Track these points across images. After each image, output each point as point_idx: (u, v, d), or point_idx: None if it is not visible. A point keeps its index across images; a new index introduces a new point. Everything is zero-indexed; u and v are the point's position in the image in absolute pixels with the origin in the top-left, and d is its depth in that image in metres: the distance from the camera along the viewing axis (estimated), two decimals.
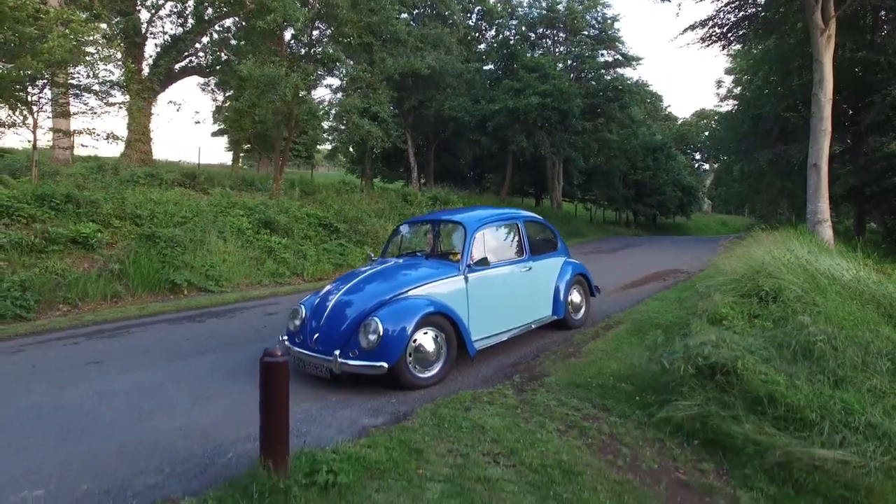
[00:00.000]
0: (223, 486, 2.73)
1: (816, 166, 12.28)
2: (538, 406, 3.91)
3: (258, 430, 2.72)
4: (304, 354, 4.21)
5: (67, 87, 10.27)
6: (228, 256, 10.59)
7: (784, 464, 3.23)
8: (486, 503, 2.72)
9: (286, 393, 2.69)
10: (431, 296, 4.35)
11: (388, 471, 2.96)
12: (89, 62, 10.63)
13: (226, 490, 2.67)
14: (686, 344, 4.07)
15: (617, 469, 3.21)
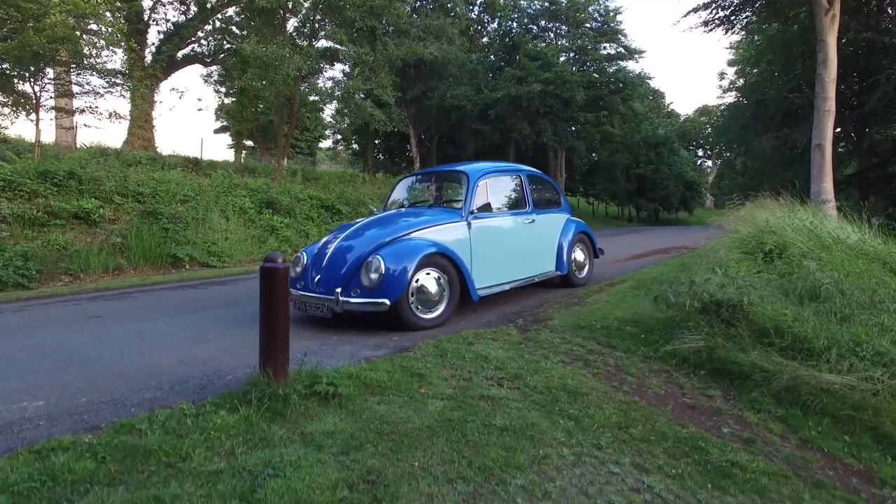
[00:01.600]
0: (222, 395, 2.70)
1: (820, 146, 12.19)
2: (542, 342, 3.87)
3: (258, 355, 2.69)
4: (306, 296, 4.18)
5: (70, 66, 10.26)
6: (230, 234, 10.57)
7: (791, 388, 3.18)
8: (489, 416, 2.67)
9: (286, 300, 2.65)
10: (433, 239, 4.31)
11: (389, 388, 2.92)
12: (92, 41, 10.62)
13: (224, 398, 2.64)
14: (692, 281, 4.02)
15: (623, 393, 3.16)
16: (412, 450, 2.28)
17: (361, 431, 2.40)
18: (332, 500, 1.87)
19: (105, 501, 1.81)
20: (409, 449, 2.28)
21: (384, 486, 1.99)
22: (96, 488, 1.89)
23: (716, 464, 2.45)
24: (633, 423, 2.75)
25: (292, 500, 1.85)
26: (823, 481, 2.45)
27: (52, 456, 2.05)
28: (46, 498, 1.81)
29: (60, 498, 1.82)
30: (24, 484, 1.86)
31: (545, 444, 2.44)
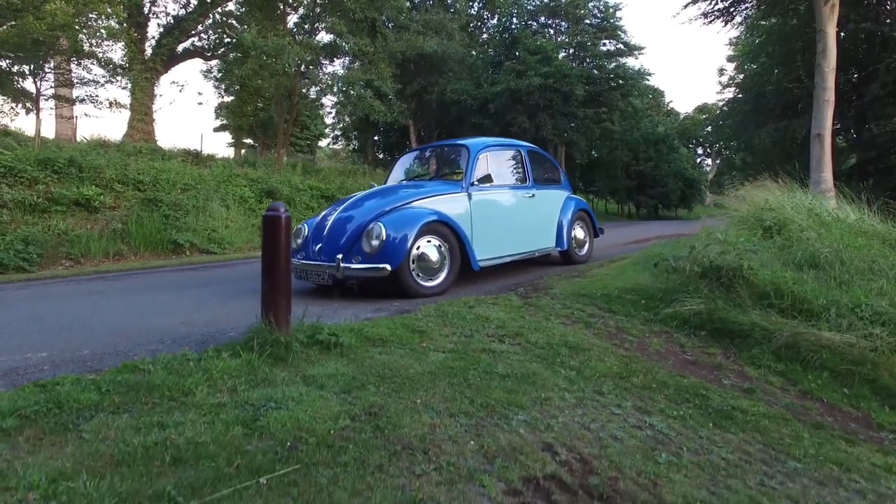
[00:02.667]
0: (224, 344, 2.70)
1: (820, 136, 12.21)
2: (543, 307, 3.88)
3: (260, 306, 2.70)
4: (307, 264, 4.19)
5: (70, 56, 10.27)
6: (231, 223, 10.58)
7: (791, 344, 3.20)
8: (491, 365, 2.68)
9: (288, 249, 2.66)
10: (434, 208, 4.32)
11: (390, 342, 2.93)
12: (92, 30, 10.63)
13: (226, 346, 2.65)
14: (692, 246, 4.04)
15: (624, 349, 3.17)
16: (414, 390, 2.29)
17: (363, 375, 2.41)
18: (335, 429, 1.88)
19: (110, 426, 1.82)
20: (411, 389, 2.29)
21: (386, 417, 2.00)
22: (101, 415, 1.90)
23: (717, 408, 2.46)
24: (634, 373, 2.76)
25: (294, 427, 1.86)
26: (822, 423, 2.46)
27: (58, 388, 2.06)
28: (53, 421, 1.82)
29: (67, 421, 1.83)
30: (32, 408, 1.87)
31: (547, 388, 2.45)
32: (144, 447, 1.67)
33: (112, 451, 1.65)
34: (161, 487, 1.47)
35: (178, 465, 1.59)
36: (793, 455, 2.08)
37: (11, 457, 1.61)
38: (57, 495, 1.41)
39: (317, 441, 1.77)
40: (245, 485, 1.50)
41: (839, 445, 2.23)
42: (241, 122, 21.57)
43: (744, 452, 2.06)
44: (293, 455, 1.68)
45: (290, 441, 1.76)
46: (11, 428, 1.77)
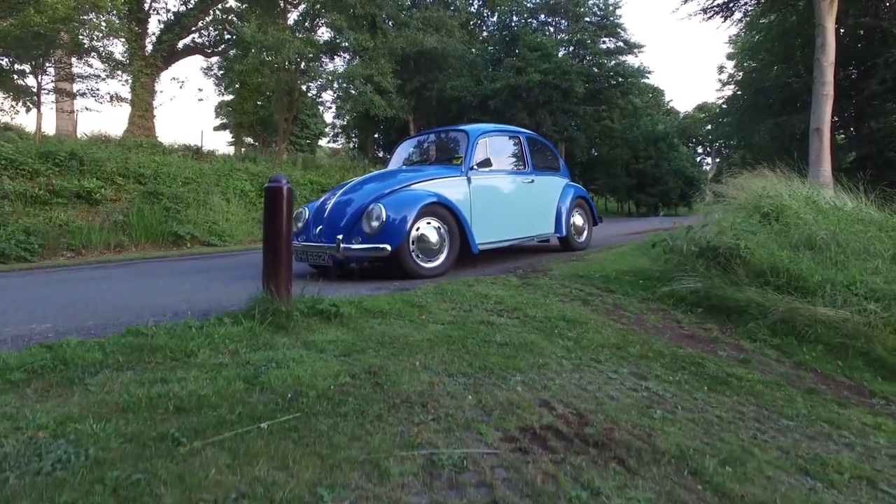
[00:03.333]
0: (226, 313, 2.74)
1: (819, 130, 12.24)
2: (541, 286, 3.91)
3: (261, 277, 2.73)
4: (308, 246, 4.22)
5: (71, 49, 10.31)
6: (231, 216, 10.61)
7: (787, 319, 3.23)
8: (489, 335, 2.71)
9: (289, 220, 2.70)
10: (433, 190, 4.36)
11: (390, 314, 2.96)
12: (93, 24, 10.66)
13: (228, 315, 2.68)
14: (689, 227, 4.07)
15: (621, 324, 3.20)
16: (413, 354, 2.32)
17: (363, 341, 2.44)
18: (335, 384, 1.91)
19: (114, 380, 1.85)
20: (410, 353, 2.33)
21: (385, 375, 2.03)
22: (105, 371, 1.93)
23: (712, 374, 2.49)
24: (630, 344, 2.79)
25: (295, 383, 1.90)
26: (816, 389, 2.50)
27: (63, 348, 2.09)
28: (59, 376, 1.86)
29: (72, 376, 1.87)
30: (38, 364, 1.90)
31: (545, 355, 2.48)
32: (148, 398, 1.71)
33: (117, 400, 1.68)
34: (165, 430, 1.50)
35: (180, 413, 1.63)
36: (785, 415, 2.12)
37: (20, 404, 1.64)
38: (65, 434, 1.44)
39: (317, 394, 1.80)
40: (246, 429, 1.54)
41: (831, 408, 2.27)
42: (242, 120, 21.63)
43: (737, 412, 2.09)
44: (294, 405, 1.71)
45: (290, 394, 1.79)
46: (19, 381, 1.81)
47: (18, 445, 1.38)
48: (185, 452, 1.39)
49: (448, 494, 1.30)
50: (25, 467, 1.29)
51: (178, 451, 1.40)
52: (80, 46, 10.16)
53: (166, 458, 1.36)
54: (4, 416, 1.56)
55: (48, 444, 1.39)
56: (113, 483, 1.23)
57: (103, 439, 1.43)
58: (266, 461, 1.37)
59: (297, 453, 1.42)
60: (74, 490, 1.20)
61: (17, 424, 1.49)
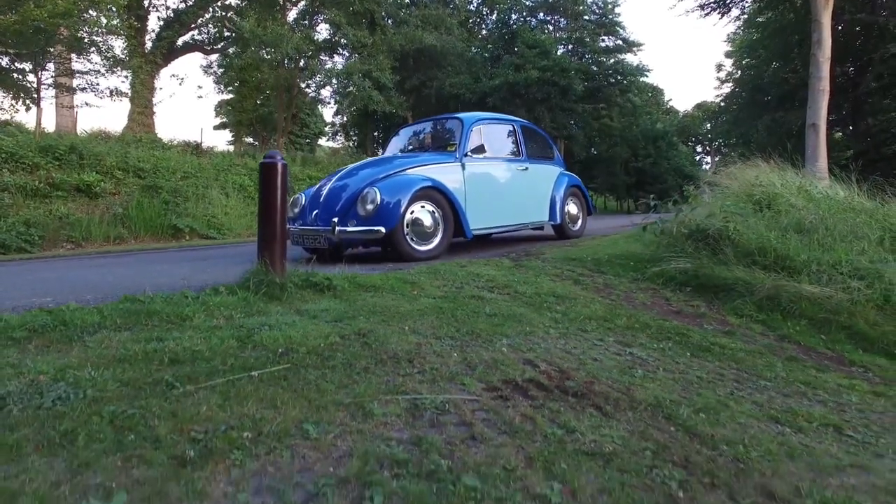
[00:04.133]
0: (221, 285, 2.80)
1: (815, 126, 12.30)
2: (533, 268, 3.97)
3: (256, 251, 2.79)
4: (303, 230, 4.28)
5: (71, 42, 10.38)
6: (230, 210, 10.67)
7: (773, 296, 3.29)
8: (479, 308, 2.77)
9: (284, 194, 2.76)
10: (428, 175, 4.42)
11: (382, 289, 3.02)
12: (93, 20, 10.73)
13: (223, 286, 2.74)
14: (679, 209, 4.13)
15: (610, 300, 3.27)
16: (403, 320, 2.39)
17: (354, 310, 2.51)
18: (325, 343, 1.98)
19: (112, 339, 1.92)
20: (400, 320, 2.39)
21: (374, 337, 2.10)
22: (103, 331, 2.00)
23: (696, 343, 2.56)
24: (618, 317, 2.85)
25: (286, 341, 1.96)
26: (797, 357, 2.56)
27: (63, 311, 2.16)
28: (59, 334, 1.92)
29: (72, 335, 1.93)
30: (39, 323, 1.97)
31: (532, 325, 2.55)
32: (144, 352, 1.77)
33: (114, 353, 1.75)
34: (159, 376, 1.57)
35: (175, 364, 1.69)
36: (764, 377, 2.18)
37: (22, 357, 1.71)
38: (64, 378, 1.51)
39: (307, 350, 1.87)
40: (238, 377, 1.60)
41: (809, 372, 2.33)
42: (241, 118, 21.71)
43: (718, 374, 2.16)
44: (284, 359, 1.78)
45: (281, 349, 1.86)
46: (21, 338, 1.87)
47: (21, 386, 1.44)
48: (178, 394, 1.46)
49: (429, 431, 1.37)
50: (27, 402, 1.35)
51: (171, 393, 1.46)
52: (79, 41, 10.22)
53: (160, 398, 1.42)
54: (7, 364, 1.62)
55: (48, 385, 1.45)
56: (109, 416, 1.30)
57: (101, 383, 1.49)
58: (255, 402, 1.44)
59: (286, 396, 1.49)
60: (74, 420, 1.27)
61: (20, 371, 1.56)
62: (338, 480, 1.10)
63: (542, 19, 27.58)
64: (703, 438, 1.44)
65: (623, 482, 1.16)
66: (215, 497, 1.03)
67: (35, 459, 1.11)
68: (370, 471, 1.14)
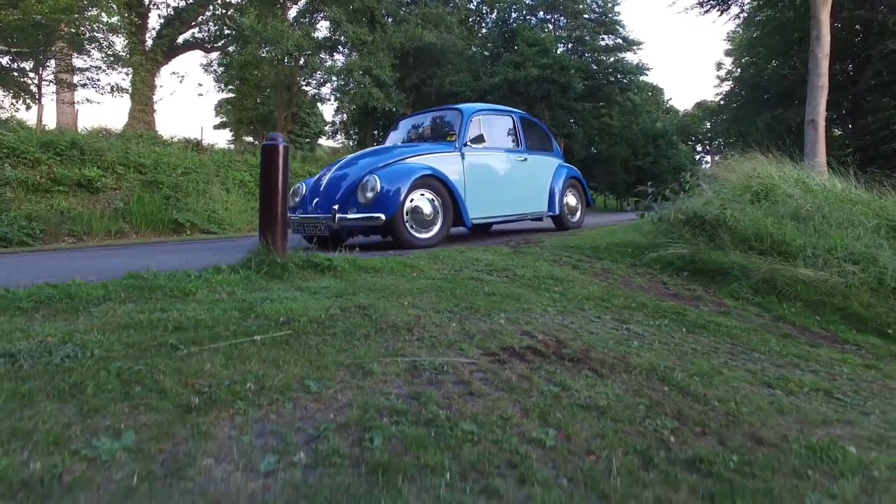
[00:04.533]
0: (223, 265, 2.84)
1: (814, 122, 12.32)
2: (532, 254, 4.01)
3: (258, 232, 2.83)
4: (304, 217, 4.32)
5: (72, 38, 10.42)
6: (231, 205, 10.71)
7: (768, 279, 3.33)
8: (478, 288, 2.80)
9: (285, 176, 2.79)
10: (427, 164, 4.46)
11: (382, 270, 3.06)
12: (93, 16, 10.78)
13: (226, 266, 2.78)
14: (677, 196, 4.17)
15: (608, 283, 3.30)
16: (402, 296, 2.42)
17: (355, 289, 2.54)
18: (325, 314, 2.01)
19: (116, 310, 1.95)
20: (399, 296, 2.43)
21: (374, 309, 2.13)
22: (108, 303, 2.04)
23: (692, 321, 2.59)
24: (615, 297, 2.89)
25: (287, 312, 1.99)
26: (791, 335, 2.59)
27: (68, 286, 2.19)
28: (65, 305, 1.96)
29: (77, 306, 1.97)
30: (45, 295, 2.00)
31: (530, 303, 2.58)
32: (149, 320, 1.81)
33: (119, 321, 1.78)
34: (164, 340, 1.60)
35: (179, 330, 1.72)
36: (758, 350, 2.22)
37: (29, 324, 1.75)
38: (72, 339, 1.54)
39: (308, 320, 1.90)
40: (240, 341, 1.64)
41: (803, 347, 2.37)
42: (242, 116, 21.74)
43: (713, 347, 2.19)
44: (285, 327, 1.81)
45: (283, 318, 1.89)
46: (28, 308, 1.91)
47: (30, 346, 1.48)
48: (182, 355, 1.49)
49: (428, 388, 1.40)
50: (37, 359, 1.39)
51: (175, 353, 1.50)
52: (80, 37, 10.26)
53: (165, 357, 1.46)
54: (16, 329, 1.66)
55: (56, 346, 1.49)
56: (116, 370, 1.33)
57: (107, 345, 1.53)
58: (258, 362, 1.47)
59: (287, 357, 1.52)
60: (82, 374, 1.30)
61: (28, 334, 1.59)
62: (338, 426, 1.14)
63: (541, 18, 27.62)
64: (695, 396, 1.47)
65: (616, 430, 1.19)
66: (220, 438, 1.06)
67: (47, 405, 1.14)
68: (370, 418, 1.18)
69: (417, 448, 1.04)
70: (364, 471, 0.96)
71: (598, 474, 0.97)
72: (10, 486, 0.85)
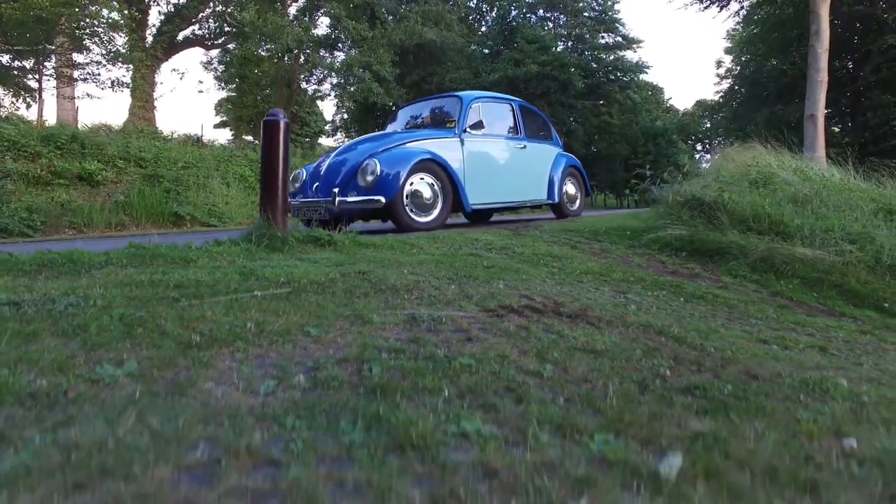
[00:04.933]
0: (224, 239, 2.85)
1: (813, 117, 12.34)
2: (531, 236, 4.02)
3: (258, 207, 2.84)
4: (305, 202, 4.33)
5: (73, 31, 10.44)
6: (231, 199, 10.72)
7: (766, 258, 3.35)
8: (477, 262, 2.82)
9: (286, 151, 2.81)
10: (427, 148, 4.48)
11: (382, 247, 3.08)
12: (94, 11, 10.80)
13: (227, 240, 2.80)
14: (676, 180, 4.18)
15: (606, 261, 3.32)
16: (402, 266, 2.44)
17: (354, 260, 2.56)
18: (325, 278, 2.03)
19: (119, 273, 1.97)
20: (399, 266, 2.44)
21: (374, 274, 2.14)
22: (110, 267, 2.05)
23: (690, 293, 2.61)
24: (613, 272, 2.91)
25: (287, 276, 2.01)
26: (788, 306, 2.61)
27: (71, 252, 2.21)
28: (68, 268, 1.98)
29: (80, 269, 1.99)
30: (48, 258, 2.02)
31: (529, 275, 2.60)
32: (150, 280, 1.82)
33: (121, 280, 1.80)
34: (165, 294, 1.62)
35: (180, 288, 1.74)
36: (755, 317, 2.23)
37: (33, 282, 1.76)
38: (74, 292, 1.56)
39: (308, 281, 1.92)
40: (241, 295, 1.65)
41: (800, 316, 2.38)
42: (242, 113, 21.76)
43: (710, 314, 2.21)
44: (286, 286, 1.83)
45: (283, 279, 1.91)
46: (31, 270, 1.93)
47: (34, 297, 1.50)
48: (183, 305, 1.51)
49: (426, 334, 1.42)
50: (41, 307, 1.40)
51: (177, 304, 1.51)
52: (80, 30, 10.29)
53: (166, 307, 1.47)
54: (20, 285, 1.67)
55: (60, 297, 1.50)
56: (119, 316, 1.35)
57: (109, 297, 1.55)
58: (258, 311, 1.49)
59: (288, 308, 1.54)
60: (85, 318, 1.32)
61: (31, 288, 1.61)
62: (337, 360, 1.16)
63: (541, 16, 27.65)
64: (691, 345, 1.49)
65: (613, 366, 1.21)
66: (220, 368, 1.08)
67: (51, 341, 1.16)
68: (369, 354, 1.19)
69: (416, 376, 1.06)
70: (362, 392, 0.97)
71: (595, 397, 0.99)
72: (19, 397, 0.87)
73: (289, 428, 0.80)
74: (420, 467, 0.69)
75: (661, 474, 0.69)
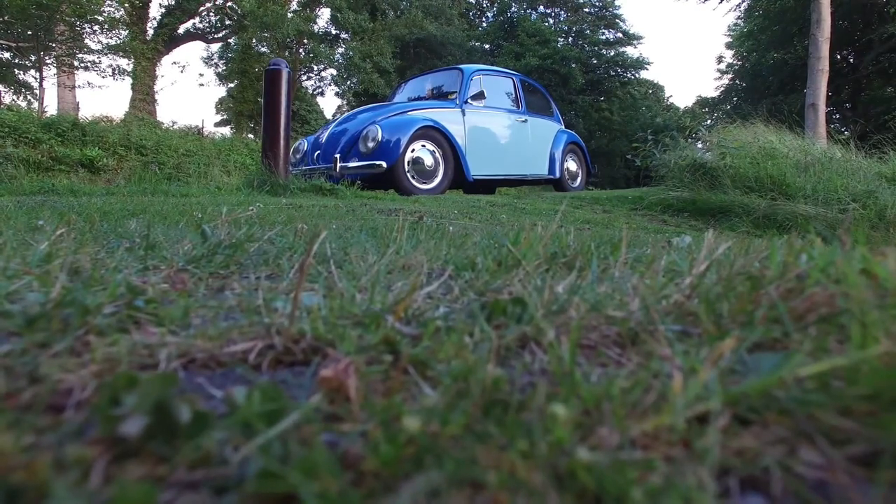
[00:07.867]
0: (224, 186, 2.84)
1: (814, 106, 12.33)
2: (533, 199, 4.01)
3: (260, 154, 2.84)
4: (306, 169, 4.33)
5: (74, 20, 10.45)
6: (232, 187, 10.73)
7: (769, 215, 3.33)
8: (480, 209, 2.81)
9: (288, 100, 2.80)
10: (428, 116, 4.47)
11: (383, 199, 3.07)
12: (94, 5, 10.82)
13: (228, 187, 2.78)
14: (677, 142, 4.17)
15: (609, 215, 3.30)
16: (404, 203, 2.43)
17: (355, 205, 2.55)
18: (325, 207, 2.02)
19: (120, 198, 1.96)
20: (401, 203, 2.43)
21: (374, 204, 2.14)
22: (111, 196, 2.04)
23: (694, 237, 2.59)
24: (616, 221, 2.90)
25: (287, 205, 2.00)
26: None
27: (71, 184, 2.20)
28: (68, 197, 1.96)
29: (80, 197, 1.97)
30: (48, 187, 2.01)
31: (532, 219, 2.58)
32: (150, 200, 1.81)
33: (123, 199, 1.79)
34: (163, 199, 1.61)
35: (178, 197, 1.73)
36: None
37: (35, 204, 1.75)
38: (77, 200, 1.55)
39: (308, 206, 1.91)
40: (237, 199, 1.64)
41: None
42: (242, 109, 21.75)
43: None
44: (285, 208, 1.82)
45: (283, 204, 1.90)
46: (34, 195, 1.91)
47: (35, 200, 1.49)
48: (178, 200, 1.50)
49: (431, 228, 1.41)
50: (43, 202, 1.39)
51: (169, 200, 1.51)
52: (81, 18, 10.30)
53: (162, 202, 1.46)
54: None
55: (61, 198, 1.50)
56: (120, 205, 1.34)
57: (109, 203, 1.54)
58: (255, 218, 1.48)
59: (283, 214, 1.53)
60: (88, 207, 1.31)
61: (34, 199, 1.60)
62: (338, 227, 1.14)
63: (542, 12, 27.64)
64: None
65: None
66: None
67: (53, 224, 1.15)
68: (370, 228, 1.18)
69: (419, 230, 1.05)
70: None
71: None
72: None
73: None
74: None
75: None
